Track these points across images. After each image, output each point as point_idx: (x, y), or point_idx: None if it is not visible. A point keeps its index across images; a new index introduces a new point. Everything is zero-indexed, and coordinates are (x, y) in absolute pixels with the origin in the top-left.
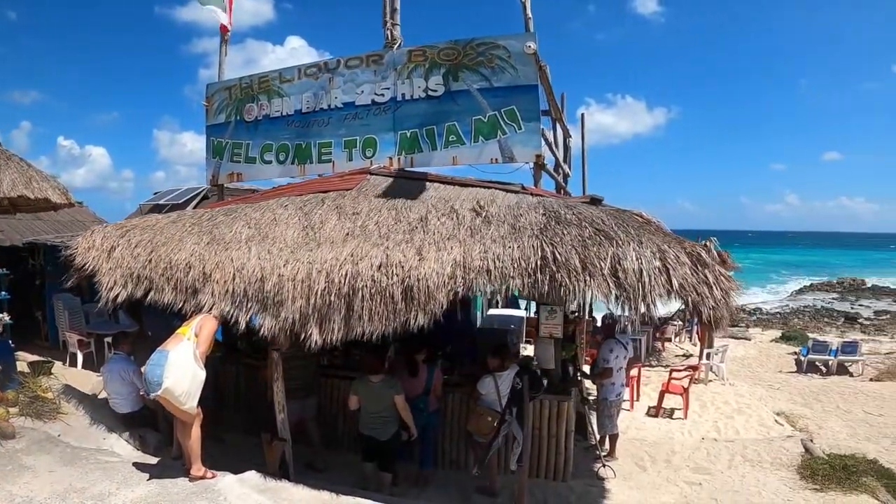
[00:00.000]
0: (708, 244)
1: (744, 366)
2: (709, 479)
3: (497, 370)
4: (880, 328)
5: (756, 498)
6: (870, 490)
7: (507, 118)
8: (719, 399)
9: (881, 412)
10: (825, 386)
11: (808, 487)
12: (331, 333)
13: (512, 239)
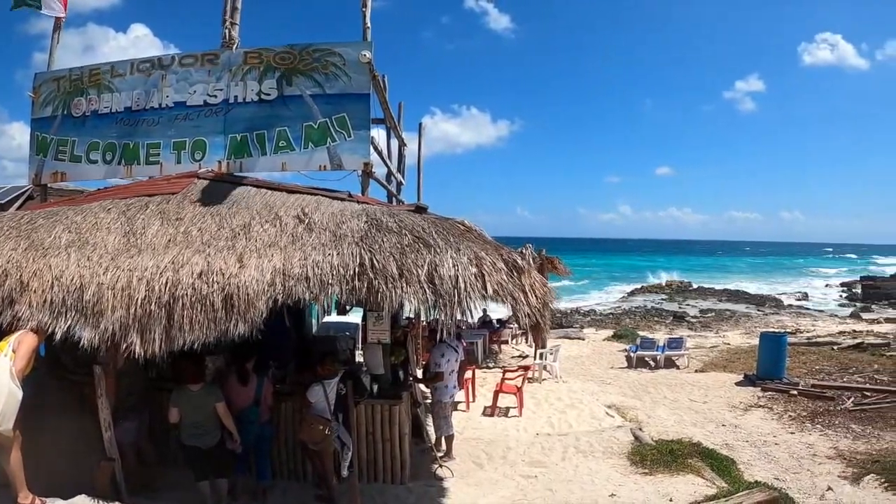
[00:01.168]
0: (524, 251)
1: (578, 364)
2: (544, 471)
3: (325, 377)
4: (706, 325)
5: (589, 485)
6: (695, 470)
7: (338, 125)
8: (553, 396)
9: (705, 400)
10: (654, 379)
11: (638, 472)
12: (152, 344)
13: (332, 246)
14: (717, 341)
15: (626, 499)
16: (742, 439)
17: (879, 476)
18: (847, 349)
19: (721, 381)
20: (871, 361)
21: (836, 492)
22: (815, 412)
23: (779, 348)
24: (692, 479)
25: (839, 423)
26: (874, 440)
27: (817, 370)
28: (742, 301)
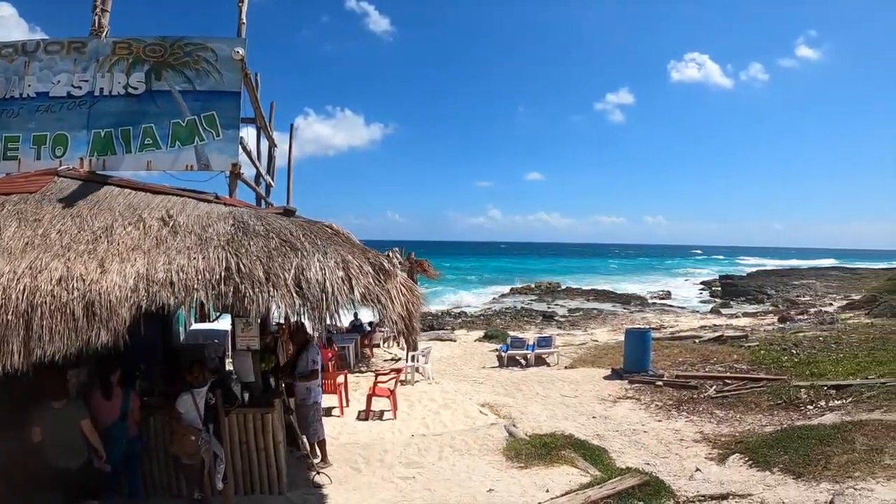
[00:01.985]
0: (391, 254)
1: (450, 365)
2: (422, 471)
3: (194, 385)
4: (574, 323)
5: (467, 482)
6: (569, 461)
7: (207, 124)
8: (426, 397)
9: (576, 394)
10: (525, 376)
11: (514, 466)
12: (9, 357)
13: (198, 250)
14: (586, 339)
15: (504, 493)
16: (612, 429)
17: (743, 455)
18: (708, 342)
19: (590, 375)
20: (730, 352)
21: (703, 472)
22: (680, 401)
23: (643, 343)
24: (567, 469)
25: (703, 410)
26: (736, 423)
27: (681, 362)
28: (609, 300)
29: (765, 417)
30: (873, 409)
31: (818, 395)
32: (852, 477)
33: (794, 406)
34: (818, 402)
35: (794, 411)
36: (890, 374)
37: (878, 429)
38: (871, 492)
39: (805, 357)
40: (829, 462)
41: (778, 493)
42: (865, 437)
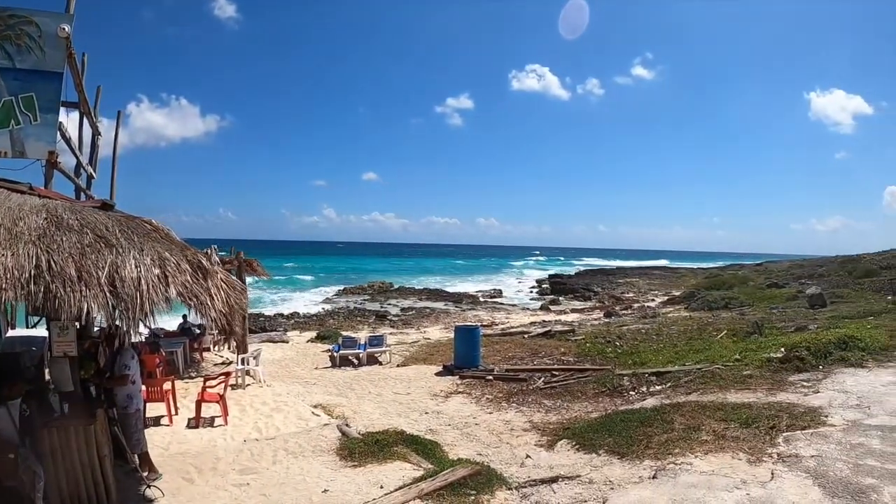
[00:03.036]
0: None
1: (282, 367)
2: (256, 477)
3: (9, 398)
4: (407, 322)
5: (302, 485)
6: (402, 456)
7: (24, 106)
8: (258, 401)
9: (408, 391)
10: (357, 376)
11: (349, 465)
12: None
13: (7, 246)
14: (418, 337)
15: (339, 492)
16: (445, 423)
17: (570, 440)
18: (537, 337)
19: (422, 372)
20: (558, 346)
21: (533, 458)
22: (510, 393)
23: (473, 339)
24: (400, 465)
25: (532, 401)
26: (564, 411)
27: (511, 357)
28: (441, 299)
29: (591, 404)
30: (690, 392)
31: (640, 382)
32: (672, 454)
33: (618, 393)
34: (640, 389)
35: (617, 397)
36: (705, 361)
37: (694, 409)
38: (690, 465)
39: (628, 348)
40: (651, 441)
41: (604, 473)
42: (683, 417)
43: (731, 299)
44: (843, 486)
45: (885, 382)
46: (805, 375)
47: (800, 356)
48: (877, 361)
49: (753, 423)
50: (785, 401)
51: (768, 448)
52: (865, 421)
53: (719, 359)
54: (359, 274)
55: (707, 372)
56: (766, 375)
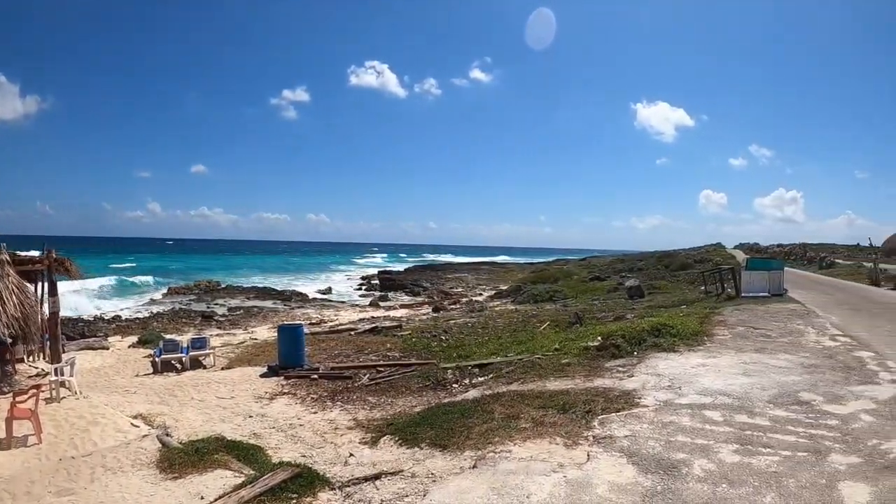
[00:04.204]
0: None
1: (101, 375)
2: (74, 498)
3: None
4: (234, 322)
5: (121, 503)
6: (223, 464)
7: None
8: (73, 415)
9: (232, 395)
10: (180, 381)
11: (169, 477)
12: None
13: None
14: (245, 337)
15: None
16: (269, 426)
17: (393, 436)
18: (363, 333)
19: (247, 374)
20: (384, 342)
21: (357, 456)
22: (335, 391)
23: (296, 338)
24: (221, 472)
25: (357, 398)
26: (388, 407)
27: (337, 354)
28: (270, 297)
29: (415, 399)
30: (511, 382)
31: (463, 375)
32: (492, 443)
33: (442, 386)
34: (463, 381)
35: (441, 391)
36: (527, 352)
37: (513, 399)
38: (509, 453)
39: (454, 342)
40: (472, 432)
41: (426, 466)
42: (503, 406)
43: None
44: (656, 462)
45: (694, 364)
46: (621, 361)
47: (615, 344)
48: (688, 346)
49: (570, 408)
50: (601, 386)
51: (584, 431)
52: (676, 401)
53: (540, 349)
54: (186, 273)
55: (528, 362)
56: (583, 363)
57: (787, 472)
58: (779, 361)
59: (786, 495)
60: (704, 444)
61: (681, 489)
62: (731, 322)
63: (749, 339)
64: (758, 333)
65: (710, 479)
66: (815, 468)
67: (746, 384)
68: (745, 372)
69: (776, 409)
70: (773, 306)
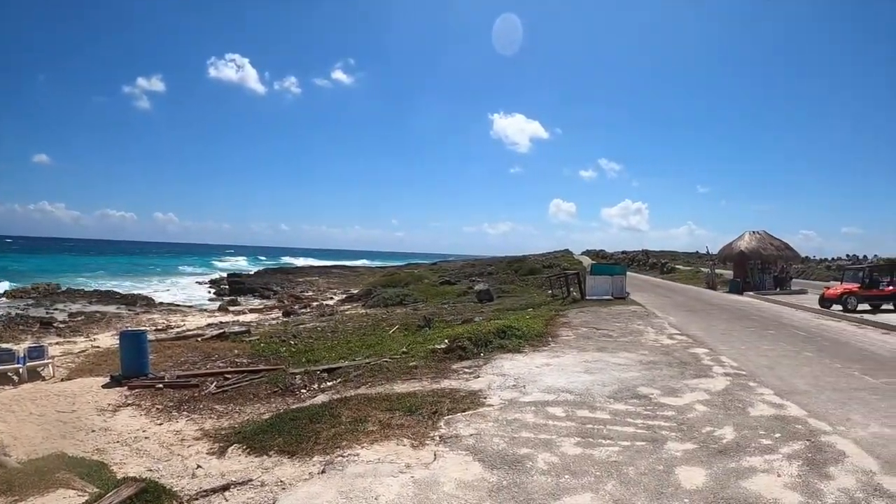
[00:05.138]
0: None
1: None
2: None
3: None
4: (75, 329)
5: None
6: (65, 483)
7: None
8: None
9: (73, 408)
10: (17, 395)
11: (9, 501)
12: None
13: None
14: (87, 345)
15: None
16: (113, 440)
17: (242, 444)
18: (211, 339)
19: (89, 385)
20: (232, 347)
21: (205, 468)
22: (181, 401)
23: (139, 345)
24: (63, 492)
25: (204, 407)
26: (236, 415)
27: (184, 361)
28: (114, 302)
29: (263, 406)
30: (359, 385)
31: (312, 380)
32: (340, 447)
33: (290, 392)
34: (311, 386)
35: (290, 396)
36: (375, 355)
37: (361, 402)
38: (357, 456)
39: (303, 346)
40: (319, 437)
41: (275, 474)
42: (350, 410)
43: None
44: (501, 458)
45: (538, 364)
46: (467, 363)
47: (462, 346)
48: (532, 347)
49: (417, 410)
50: (448, 387)
51: (431, 432)
52: (521, 399)
53: (389, 352)
54: (24, 275)
55: (376, 365)
56: (431, 365)
57: (626, 460)
58: (619, 359)
59: (626, 482)
60: (548, 439)
61: (525, 482)
62: (575, 323)
63: (592, 339)
64: (600, 334)
65: (553, 471)
66: (653, 456)
67: (588, 381)
68: (587, 370)
69: (616, 404)
70: (615, 308)
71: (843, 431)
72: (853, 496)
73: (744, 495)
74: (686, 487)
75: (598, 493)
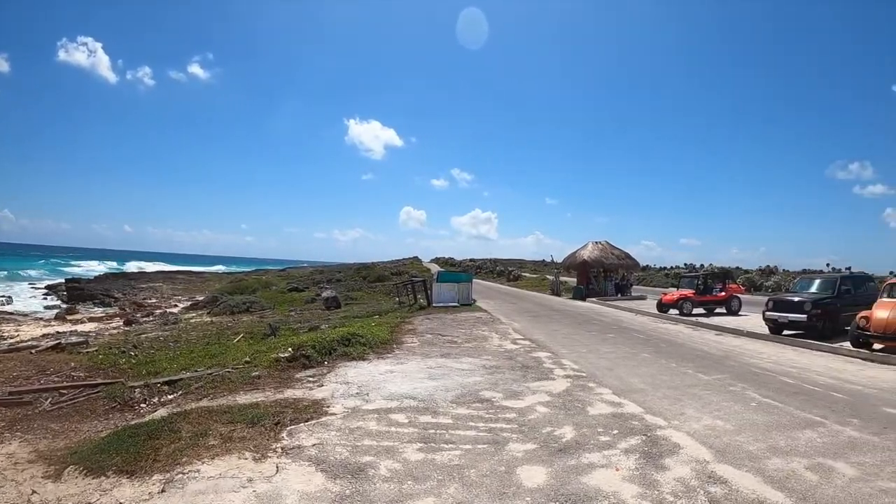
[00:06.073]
0: None
1: None
2: None
3: None
4: None
5: None
6: None
7: None
8: None
9: None
10: None
11: None
12: None
13: None
14: None
15: None
16: None
17: (78, 465)
18: (45, 351)
19: None
20: (69, 360)
21: (40, 493)
22: (13, 420)
23: None
24: None
25: (39, 426)
26: (73, 434)
27: (16, 376)
28: None
29: (101, 423)
30: (201, 398)
31: (152, 393)
32: (180, 463)
33: (129, 406)
34: (151, 400)
35: (129, 412)
36: (218, 365)
37: (202, 415)
38: (197, 472)
39: (144, 357)
40: (159, 454)
41: (114, 496)
42: (191, 424)
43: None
44: (344, 467)
45: (382, 371)
46: (311, 372)
47: (306, 354)
48: (377, 354)
49: (260, 421)
50: (291, 397)
51: (273, 444)
52: (364, 407)
53: (232, 362)
54: None
55: (218, 376)
56: (274, 375)
57: (468, 463)
58: (463, 365)
59: (468, 485)
60: (390, 446)
61: (368, 490)
62: (420, 330)
63: (436, 346)
64: (444, 340)
65: (395, 478)
66: (495, 457)
67: (431, 387)
68: (430, 376)
69: (459, 408)
70: (461, 315)
71: (677, 425)
72: (688, 484)
73: (584, 490)
74: (527, 486)
75: (441, 496)
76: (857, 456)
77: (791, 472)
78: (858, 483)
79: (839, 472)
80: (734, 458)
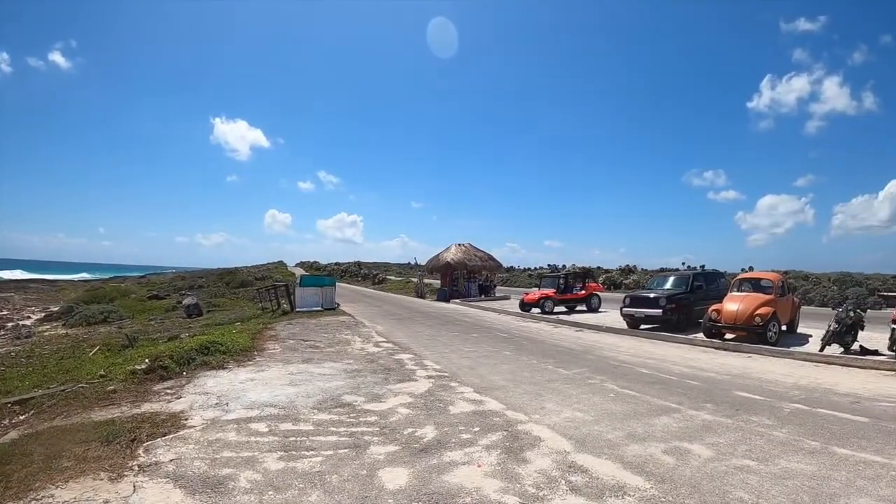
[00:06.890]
0: None
1: None
2: None
3: None
4: None
5: None
6: None
7: None
8: None
9: None
10: None
11: None
12: None
13: None
14: None
15: None
16: None
17: None
18: None
19: None
20: None
21: None
22: None
23: None
24: None
25: None
26: None
27: None
28: None
29: None
30: (54, 416)
31: (2, 415)
32: (34, 489)
33: None
34: (2, 422)
35: None
36: (72, 380)
37: (55, 435)
38: (52, 498)
39: None
40: (11, 481)
41: None
42: (43, 446)
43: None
44: (202, 481)
45: (242, 380)
46: (170, 383)
47: (164, 365)
48: (237, 362)
49: (115, 438)
50: (149, 411)
51: (129, 462)
52: (224, 417)
53: (87, 376)
54: None
55: (71, 392)
56: (130, 388)
57: (329, 469)
58: (324, 370)
59: (330, 491)
60: (250, 456)
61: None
62: (282, 336)
63: (298, 351)
64: (307, 345)
65: (256, 489)
66: (357, 461)
67: (292, 394)
68: (291, 382)
69: (320, 414)
70: (324, 319)
71: (538, 419)
72: (549, 475)
73: (446, 488)
74: (389, 488)
75: None
76: (711, 437)
77: (649, 457)
78: (714, 462)
79: (695, 453)
80: (594, 447)
